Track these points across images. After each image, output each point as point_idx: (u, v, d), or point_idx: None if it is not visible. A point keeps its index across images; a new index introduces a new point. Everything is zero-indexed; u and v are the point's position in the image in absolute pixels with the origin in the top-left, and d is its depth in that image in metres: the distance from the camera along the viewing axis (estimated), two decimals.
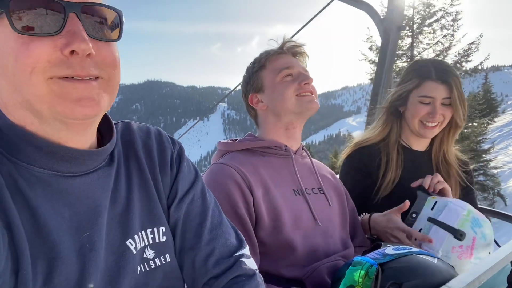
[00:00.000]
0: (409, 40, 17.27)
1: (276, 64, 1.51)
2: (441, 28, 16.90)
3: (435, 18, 16.94)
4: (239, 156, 1.47)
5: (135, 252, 0.82)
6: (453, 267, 1.07)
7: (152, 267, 0.85)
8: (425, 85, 1.80)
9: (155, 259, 0.86)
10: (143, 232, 0.85)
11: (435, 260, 1.01)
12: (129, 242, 0.81)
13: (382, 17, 2.22)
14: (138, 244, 0.83)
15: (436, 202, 1.51)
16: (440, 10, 16.88)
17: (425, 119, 1.81)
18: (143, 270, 0.83)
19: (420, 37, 17.38)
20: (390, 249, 1.04)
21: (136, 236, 0.83)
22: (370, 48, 17.00)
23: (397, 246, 1.06)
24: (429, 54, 16.96)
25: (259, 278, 0.98)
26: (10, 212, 0.65)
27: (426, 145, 1.97)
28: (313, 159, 1.65)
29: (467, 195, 1.91)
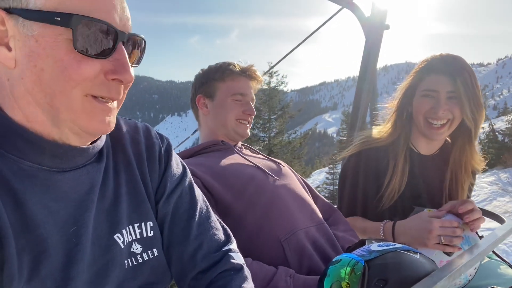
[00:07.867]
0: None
1: (234, 84, 1.64)
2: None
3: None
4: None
5: (122, 246, 0.82)
6: (434, 261, 1.11)
7: (140, 261, 0.86)
8: (428, 79, 1.63)
9: (143, 254, 0.87)
10: (130, 226, 0.85)
11: (418, 256, 1.05)
12: (117, 237, 0.81)
13: (367, 16, 2.17)
14: (125, 239, 0.83)
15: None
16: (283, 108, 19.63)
17: (429, 116, 1.62)
18: (131, 265, 0.84)
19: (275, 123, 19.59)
20: (375, 246, 1.07)
21: (124, 231, 0.83)
22: None
23: (381, 243, 1.09)
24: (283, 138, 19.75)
25: (247, 272, 0.99)
26: None
27: (435, 148, 1.78)
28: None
29: None
